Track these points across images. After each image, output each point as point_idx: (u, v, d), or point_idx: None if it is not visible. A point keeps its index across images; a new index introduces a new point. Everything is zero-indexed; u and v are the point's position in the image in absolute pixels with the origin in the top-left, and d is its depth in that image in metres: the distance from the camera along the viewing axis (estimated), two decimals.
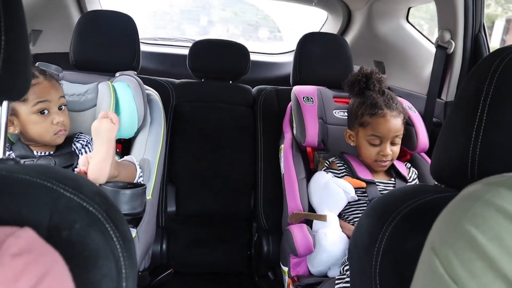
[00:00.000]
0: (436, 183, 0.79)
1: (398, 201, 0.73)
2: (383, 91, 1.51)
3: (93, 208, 0.57)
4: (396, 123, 1.44)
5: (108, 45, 1.63)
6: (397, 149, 1.48)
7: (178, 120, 1.91)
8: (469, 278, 0.38)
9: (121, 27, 1.67)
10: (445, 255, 0.42)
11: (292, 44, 2.96)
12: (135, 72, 1.67)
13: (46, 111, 1.25)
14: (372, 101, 1.45)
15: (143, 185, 1.04)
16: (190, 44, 2.06)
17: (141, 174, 1.32)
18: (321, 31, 2.70)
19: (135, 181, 1.25)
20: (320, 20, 2.84)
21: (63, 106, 1.31)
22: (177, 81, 2.00)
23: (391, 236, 0.70)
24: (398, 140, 1.47)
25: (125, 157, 1.31)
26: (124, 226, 0.60)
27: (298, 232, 1.33)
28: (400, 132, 1.47)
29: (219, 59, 1.98)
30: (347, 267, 1.28)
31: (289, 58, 2.77)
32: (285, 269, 1.45)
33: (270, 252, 1.67)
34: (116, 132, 1.14)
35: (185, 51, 2.07)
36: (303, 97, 1.66)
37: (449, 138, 0.73)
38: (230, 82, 2.06)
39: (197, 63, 1.98)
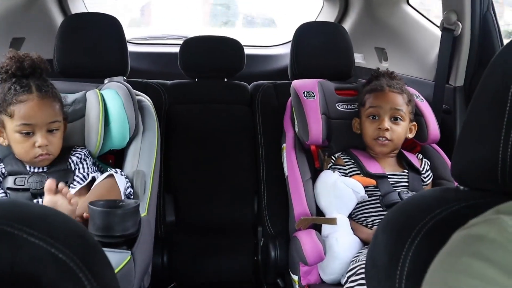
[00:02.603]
0: (458, 185, 0.71)
1: (419, 213, 0.65)
2: (393, 77, 1.51)
3: (64, 255, 0.48)
4: (394, 97, 1.43)
5: (94, 50, 1.54)
6: (400, 129, 1.43)
7: (172, 124, 1.82)
8: None
9: (107, 30, 1.58)
10: None
11: (288, 34, 2.87)
12: (124, 78, 1.59)
13: (30, 132, 1.16)
14: (375, 82, 1.49)
15: (136, 202, 0.95)
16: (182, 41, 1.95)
17: (129, 185, 1.23)
18: (317, 19, 2.59)
19: (122, 195, 1.17)
20: (314, 9, 2.74)
21: (55, 130, 1.20)
22: (169, 82, 1.91)
23: (416, 256, 0.61)
24: (400, 120, 1.43)
25: (104, 174, 1.22)
26: (105, 273, 0.50)
27: (307, 239, 1.24)
28: (401, 108, 1.43)
29: (212, 56, 1.88)
30: (352, 276, 1.19)
31: (286, 49, 2.67)
32: (295, 277, 1.36)
33: (278, 258, 1.57)
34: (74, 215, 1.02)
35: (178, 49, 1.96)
36: (304, 92, 1.56)
37: (473, 136, 0.64)
38: (225, 79, 1.96)
39: (189, 62, 1.88)
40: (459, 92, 1.66)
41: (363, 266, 1.14)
